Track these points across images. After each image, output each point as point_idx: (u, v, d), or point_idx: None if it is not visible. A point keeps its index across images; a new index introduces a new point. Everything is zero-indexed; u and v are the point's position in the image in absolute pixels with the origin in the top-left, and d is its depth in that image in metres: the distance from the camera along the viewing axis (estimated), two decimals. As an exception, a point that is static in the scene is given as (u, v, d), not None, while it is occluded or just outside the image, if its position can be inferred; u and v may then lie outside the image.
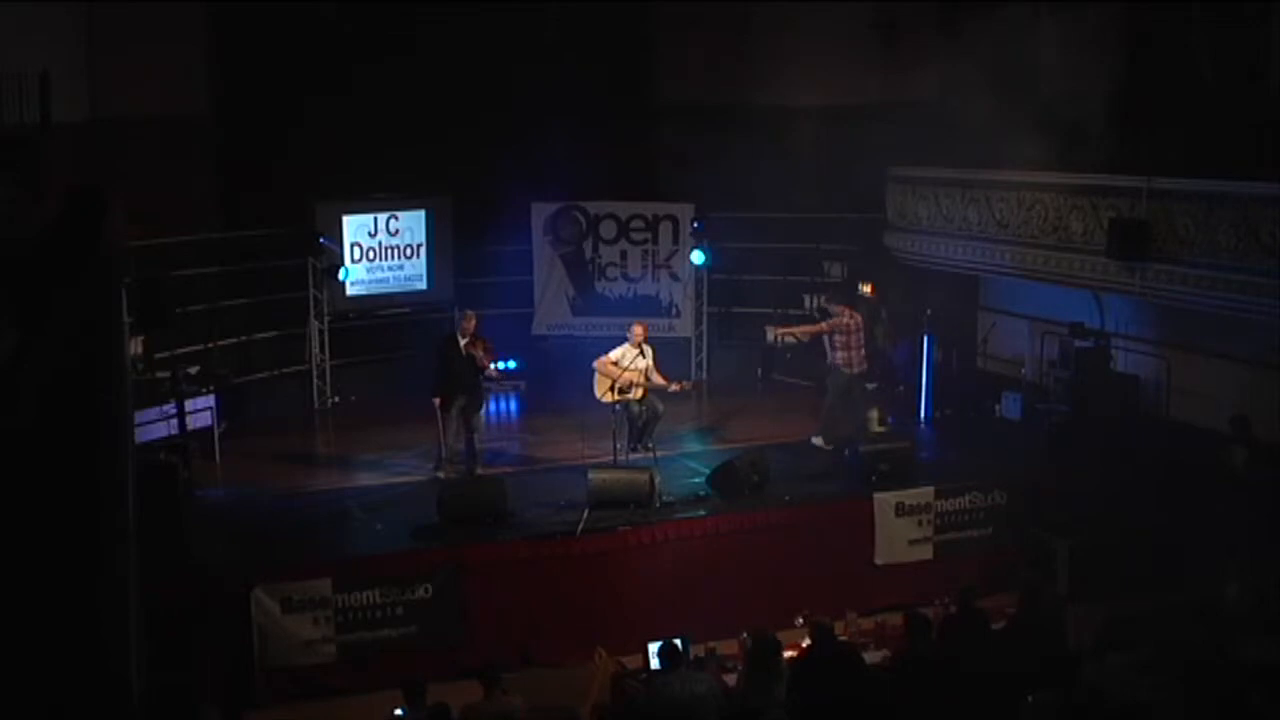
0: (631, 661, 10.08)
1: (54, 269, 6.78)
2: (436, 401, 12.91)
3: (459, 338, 12.94)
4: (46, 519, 6.55)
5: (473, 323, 13.03)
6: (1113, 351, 14.41)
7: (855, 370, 13.99)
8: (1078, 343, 14.34)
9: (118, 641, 6.79)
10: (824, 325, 14.21)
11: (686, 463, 13.46)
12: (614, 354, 13.11)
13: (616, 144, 17.42)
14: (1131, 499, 11.97)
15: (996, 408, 15.30)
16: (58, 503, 6.59)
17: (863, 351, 14.03)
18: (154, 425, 12.75)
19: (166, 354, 13.82)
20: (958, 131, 14.08)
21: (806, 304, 17.67)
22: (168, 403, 12.77)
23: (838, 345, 13.96)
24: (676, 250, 17.68)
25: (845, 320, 13.97)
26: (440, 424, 12.98)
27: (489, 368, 13.31)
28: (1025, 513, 12.75)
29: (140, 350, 13.17)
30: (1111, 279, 13.49)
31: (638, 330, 13.30)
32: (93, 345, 7.04)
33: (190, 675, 9.64)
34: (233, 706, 9.18)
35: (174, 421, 12.64)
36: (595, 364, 13.14)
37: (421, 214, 17.12)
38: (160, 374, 13.39)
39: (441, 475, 12.94)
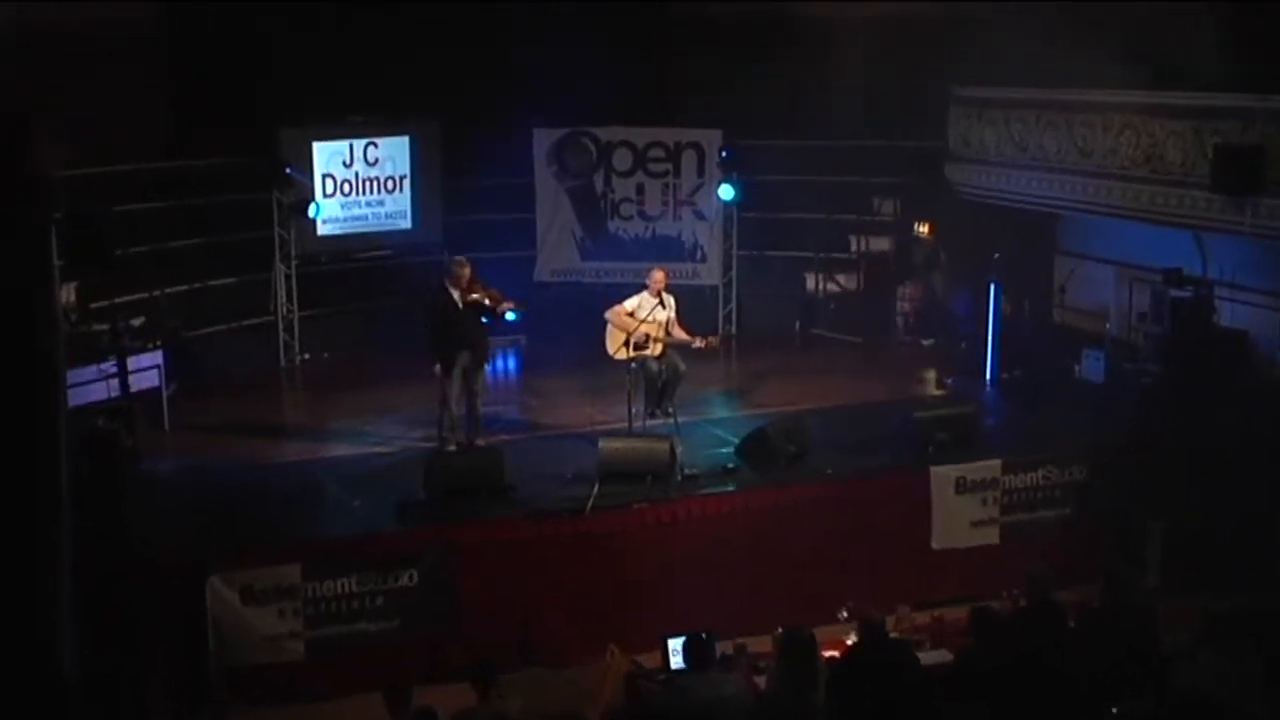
0: (648, 660, 10.06)
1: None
2: (437, 368, 12.77)
3: (450, 289, 12.76)
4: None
5: (467, 270, 12.81)
6: (1216, 303, 14.30)
7: None
8: (1173, 292, 14.27)
9: (46, 613, 6.86)
10: None
11: (712, 430, 13.48)
12: (629, 304, 13.10)
13: (630, 64, 17.29)
14: (1235, 475, 11.89)
15: (1076, 368, 15.28)
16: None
17: None
18: (91, 386, 12.69)
19: (105, 303, 13.84)
20: (1034, 44, 13.92)
21: (853, 246, 17.59)
22: (107, 360, 12.69)
23: None
24: (702, 184, 17.65)
25: None
26: (443, 391, 12.84)
27: (502, 306, 12.85)
28: (1109, 490, 12.70)
29: (74, 298, 13.17)
30: (1216, 217, 13.40)
31: (657, 276, 13.29)
32: (21, 285, 7.03)
33: (137, 663, 9.68)
34: (184, 711, 9.18)
35: (114, 382, 12.55)
36: (607, 315, 13.13)
37: (405, 141, 17.14)
38: (98, 326, 13.35)
39: (454, 448, 12.80)
